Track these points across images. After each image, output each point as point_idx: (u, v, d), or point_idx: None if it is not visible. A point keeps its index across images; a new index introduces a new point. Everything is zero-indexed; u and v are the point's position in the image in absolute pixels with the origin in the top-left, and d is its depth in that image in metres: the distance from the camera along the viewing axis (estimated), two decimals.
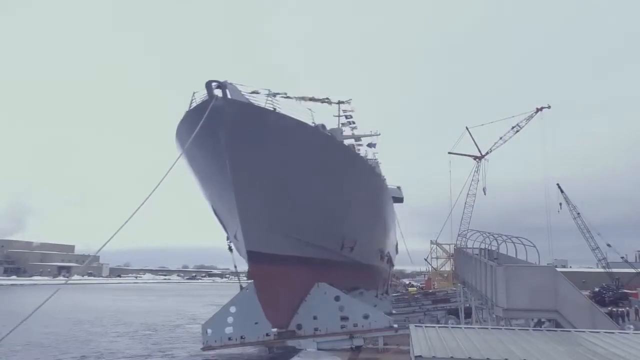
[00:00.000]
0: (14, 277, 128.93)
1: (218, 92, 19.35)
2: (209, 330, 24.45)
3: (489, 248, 20.74)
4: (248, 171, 20.90)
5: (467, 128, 70.20)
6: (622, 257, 67.09)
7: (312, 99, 29.12)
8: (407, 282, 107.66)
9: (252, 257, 23.28)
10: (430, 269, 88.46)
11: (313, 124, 23.17)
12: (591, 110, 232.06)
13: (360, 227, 30.35)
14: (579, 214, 62.36)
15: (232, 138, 20.03)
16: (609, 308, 35.17)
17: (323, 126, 24.39)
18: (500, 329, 13.80)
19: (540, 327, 16.18)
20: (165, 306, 60.99)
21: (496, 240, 19.90)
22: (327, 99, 31.29)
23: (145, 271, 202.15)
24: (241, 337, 24.05)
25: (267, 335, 23.92)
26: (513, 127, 67.61)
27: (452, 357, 9.69)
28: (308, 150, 22.41)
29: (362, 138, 45.60)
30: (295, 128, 21.82)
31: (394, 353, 21.82)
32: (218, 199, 24.21)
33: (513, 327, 14.54)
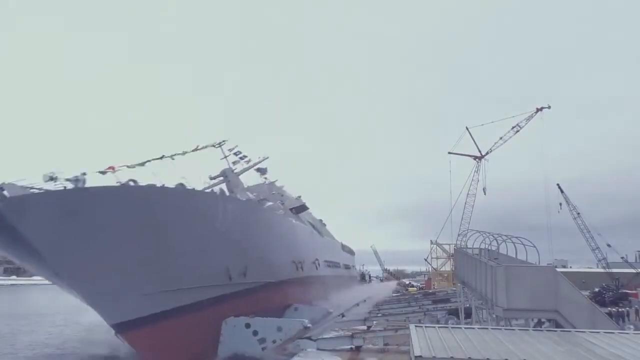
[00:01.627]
0: (13, 277, 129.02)
1: None
2: None
3: (489, 248, 20.79)
4: (68, 254, 19.45)
5: (467, 128, 70.65)
6: (622, 257, 67.38)
7: (130, 166, 24.65)
8: (407, 282, 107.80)
9: (119, 328, 21.97)
10: (430, 269, 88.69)
11: (118, 183, 22.06)
12: (591, 110, 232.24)
13: (242, 251, 28.56)
14: (579, 214, 62.69)
15: (33, 234, 18.60)
16: (609, 308, 35.23)
17: (134, 180, 22.79)
18: (500, 329, 13.82)
19: (540, 327, 16.21)
20: None
21: (496, 240, 19.94)
22: (164, 155, 28.25)
23: None
24: None
25: None
26: (513, 127, 68.05)
27: (452, 357, 9.72)
28: (121, 209, 20.78)
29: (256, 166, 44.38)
30: (92, 196, 20.21)
31: (394, 353, 21.85)
32: (59, 283, 22.83)
33: (513, 327, 14.57)
